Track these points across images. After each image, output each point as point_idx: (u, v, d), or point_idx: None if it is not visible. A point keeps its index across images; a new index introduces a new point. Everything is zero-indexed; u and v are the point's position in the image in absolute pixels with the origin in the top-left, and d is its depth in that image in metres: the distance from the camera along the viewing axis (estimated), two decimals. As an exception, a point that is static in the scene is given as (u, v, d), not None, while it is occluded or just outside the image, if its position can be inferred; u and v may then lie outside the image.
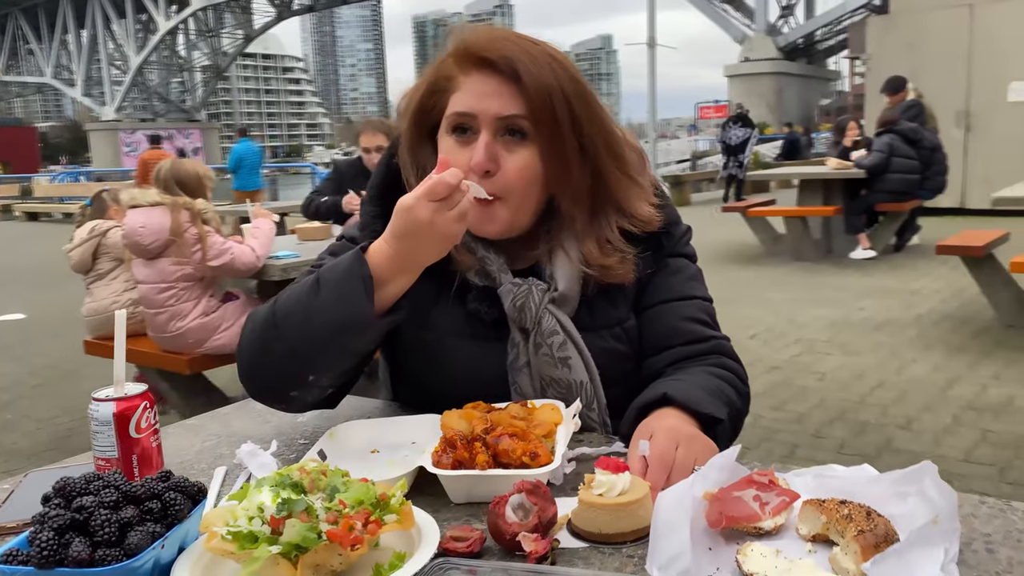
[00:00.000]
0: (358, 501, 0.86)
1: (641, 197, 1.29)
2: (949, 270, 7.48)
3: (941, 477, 0.84)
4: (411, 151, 1.29)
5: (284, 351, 1.16)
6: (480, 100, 1.19)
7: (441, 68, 1.24)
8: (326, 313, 1.12)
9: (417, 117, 1.27)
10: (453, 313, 1.28)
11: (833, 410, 4.21)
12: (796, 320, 6.13)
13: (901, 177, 8.23)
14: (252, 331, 1.21)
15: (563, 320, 1.25)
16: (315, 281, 1.15)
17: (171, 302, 3.75)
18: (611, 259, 1.25)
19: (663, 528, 0.84)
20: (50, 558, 0.77)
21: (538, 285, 1.25)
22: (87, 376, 5.50)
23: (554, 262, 1.27)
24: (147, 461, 1.05)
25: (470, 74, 1.21)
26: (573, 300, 1.27)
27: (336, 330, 1.12)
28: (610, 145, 1.25)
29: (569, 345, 1.24)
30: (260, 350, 1.19)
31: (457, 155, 1.20)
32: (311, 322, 1.13)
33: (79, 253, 4.02)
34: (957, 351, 5.11)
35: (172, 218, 3.69)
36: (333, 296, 1.11)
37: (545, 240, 1.29)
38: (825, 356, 5.19)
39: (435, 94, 1.25)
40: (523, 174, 1.20)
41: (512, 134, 1.20)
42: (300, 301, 1.15)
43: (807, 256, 8.70)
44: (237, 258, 3.73)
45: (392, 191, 1.28)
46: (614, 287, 1.29)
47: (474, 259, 1.27)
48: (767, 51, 51.93)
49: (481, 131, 1.19)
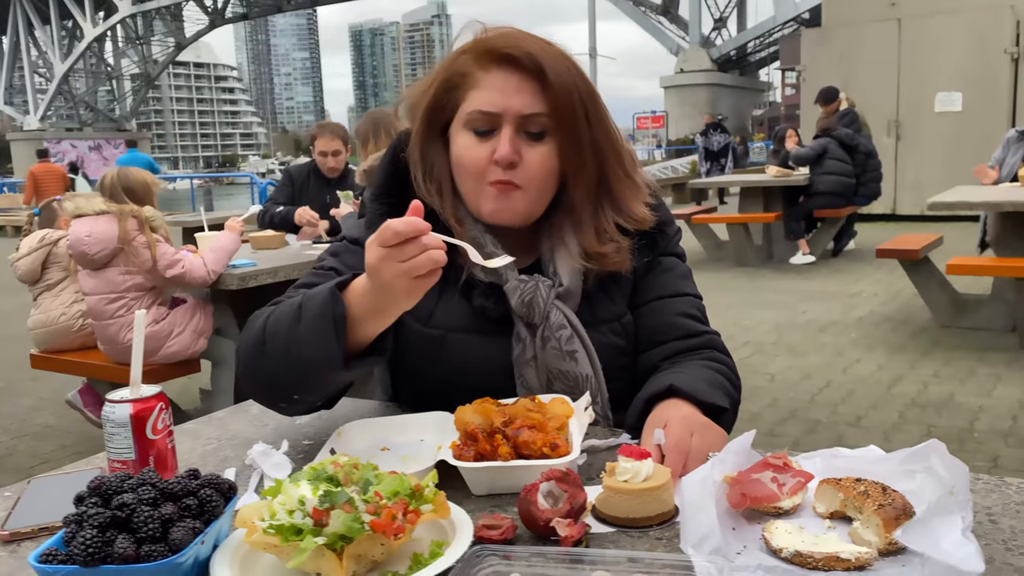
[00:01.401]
0: (394, 492, 0.88)
1: (637, 196, 1.33)
2: (886, 273, 7.77)
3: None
4: (421, 148, 1.31)
5: (269, 371, 1.17)
6: (504, 97, 1.22)
7: (456, 65, 1.26)
8: (302, 348, 1.11)
9: (430, 114, 1.29)
10: (458, 309, 1.30)
11: (785, 409, 4.33)
12: (742, 323, 6.29)
13: (836, 179, 8.51)
14: (246, 342, 1.21)
15: (569, 315, 1.29)
16: (298, 308, 1.13)
17: (121, 312, 3.66)
18: (607, 247, 1.30)
19: (691, 510, 0.88)
20: (95, 555, 0.76)
21: (544, 281, 1.28)
22: (24, 393, 5.33)
23: (556, 257, 1.31)
24: (163, 462, 1.04)
25: (490, 71, 1.23)
26: (576, 295, 1.31)
27: (312, 365, 1.12)
28: (613, 143, 1.29)
29: (575, 339, 1.27)
30: (250, 363, 1.20)
31: (478, 150, 1.24)
32: (290, 353, 1.12)
33: (27, 263, 3.90)
34: (898, 351, 5.31)
35: (119, 226, 3.59)
36: (308, 331, 1.10)
37: (547, 234, 1.32)
38: (774, 357, 5.34)
39: (449, 91, 1.27)
40: (543, 167, 1.25)
41: (532, 130, 1.24)
42: (283, 327, 1.14)
43: (749, 262, 8.93)
44: (188, 272, 3.65)
45: (399, 188, 1.30)
46: (611, 284, 1.33)
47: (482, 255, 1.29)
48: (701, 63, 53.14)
49: (504, 126, 1.22)
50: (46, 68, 68.97)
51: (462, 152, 1.26)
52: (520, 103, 1.22)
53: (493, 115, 1.23)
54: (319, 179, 4.85)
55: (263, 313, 1.24)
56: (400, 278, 1.01)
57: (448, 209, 1.30)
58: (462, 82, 1.25)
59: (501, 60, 1.23)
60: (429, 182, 1.31)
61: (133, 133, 70.67)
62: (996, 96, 11.72)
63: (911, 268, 5.83)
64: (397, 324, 1.28)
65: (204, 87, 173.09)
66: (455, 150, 1.28)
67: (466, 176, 1.28)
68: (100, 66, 72.48)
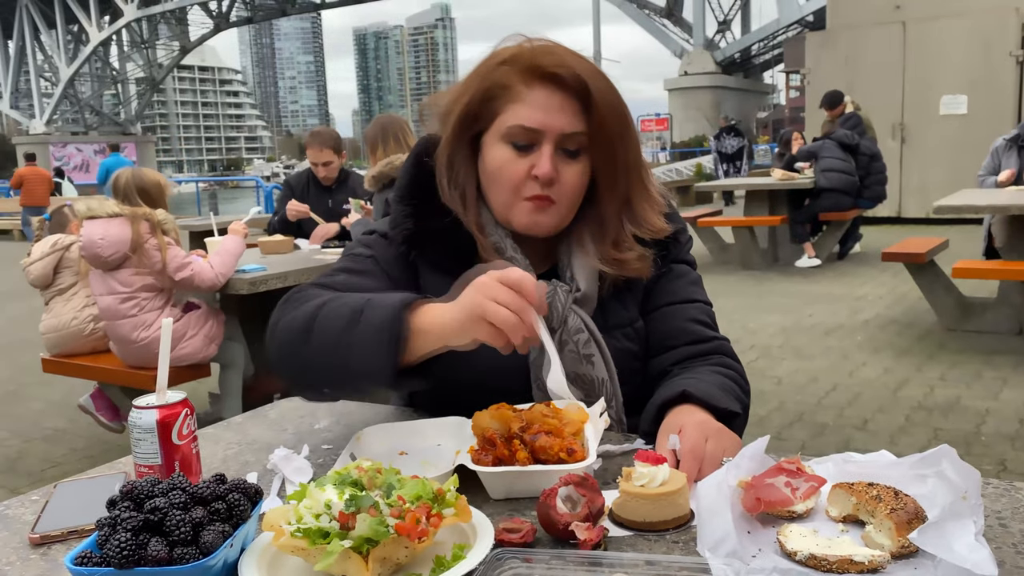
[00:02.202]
0: (417, 496, 0.90)
1: (655, 208, 1.37)
2: (891, 276, 7.78)
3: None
4: (449, 154, 1.33)
5: (308, 362, 1.18)
6: (547, 115, 1.24)
7: (496, 76, 1.27)
8: (352, 354, 1.11)
9: (463, 121, 1.30)
10: None
11: (792, 413, 4.35)
12: (748, 327, 6.30)
13: (839, 175, 8.50)
14: (289, 326, 1.21)
15: (586, 319, 1.31)
16: (359, 311, 1.13)
17: (134, 311, 3.69)
18: (628, 255, 1.33)
19: (707, 514, 0.90)
20: (129, 558, 0.79)
21: (562, 286, 1.31)
22: (34, 397, 5.36)
23: (574, 263, 1.34)
24: (188, 467, 1.06)
25: (533, 87, 1.25)
26: (593, 300, 1.34)
27: (358, 373, 1.14)
28: (639, 159, 1.33)
29: (592, 343, 1.30)
30: (289, 348, 1.21)
31: (516, 164, 1.27)
32: (338, 354, 1.13)
33: (39, 267, 3.93)
34: (904, 354, 5.32)
35: (132, 229, 3.63)
36: (363, 341, 1.10)
37: (567, 241, 1.35)
38: (780, 361, 5.35)
39: (487, 101, 1.28)
40: (578, 184, 1.29)
41: (569, 148, 1.27)
42: (336, 325, 1.14)
43: (755, 265, 8.94)
44: (197, 275, 3.68)
45: (422, 191, 1.32)
46: (625, 290, 1.36)
47: (502, 261, 1.31)
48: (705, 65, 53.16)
49: (544, 144, 1.25)
50: (52, 72, 69.23)
51: (499, 165, 1.28)
52: (562, 122, 1.24)
53: (535, 131, 1.25)
54: (318, 186, 4.90)
55: (309, 297, 1.23)
56: (484, 318, 1.04)
57: (471, 215, 1.33)
58: (502, 94, 1.27)
59: (546, 78, 1.24)
60: (453, 188, 1.33)
61: (138, 137, 70.89)
62: (1001, 99, 11.73)
63: (917, 271, 5.84)
64: None
65: (209, 91, 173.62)
66: (490, 161, 1.30)
67: (501, 188, 1.30)
68: (105, 70, 72.74)
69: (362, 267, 1.36)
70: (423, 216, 1.35)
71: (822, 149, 8.64)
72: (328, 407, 1.50)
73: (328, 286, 1.30)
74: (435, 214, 1.34)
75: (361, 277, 1.34)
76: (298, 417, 1.47)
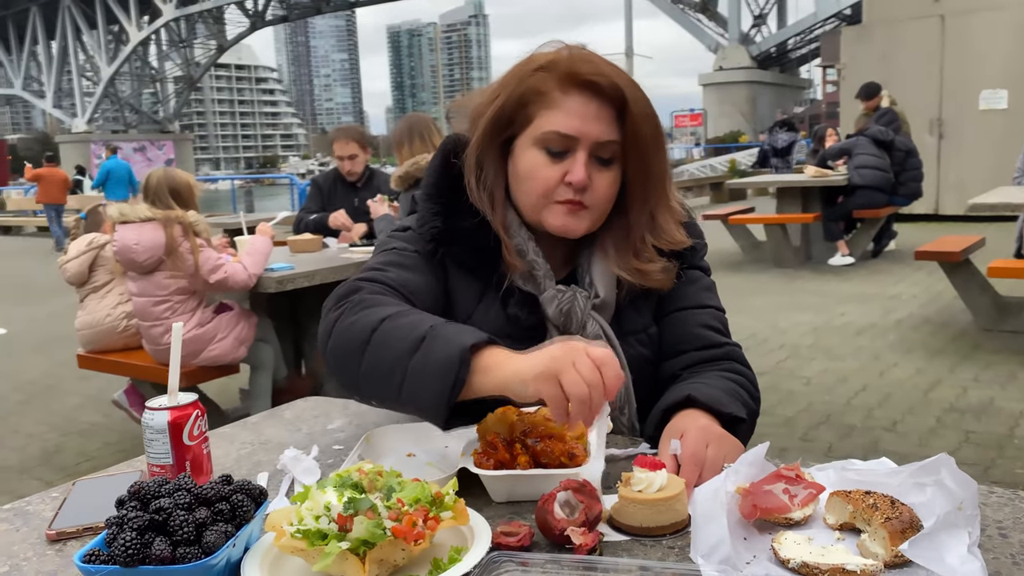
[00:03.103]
0: (415, 499, 0.92)
1: (675, 219, 1.38)
2: (926, 275, 7.65)
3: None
4: (479, 156, 1.34)
5: (359, 375, 1.15)
6: (584, 123, 1.26)
7: (532, 82, 1.28)
8: (407, 383, 1.09)
9: (495, 124, 1.31)
10: (494, 314, 1.34)
11: (819, 414, 4.30)
12: (779, 326, 6.24)
13: (872, 172, 8.37)
14: (349, 330, 1.17)
15: (604, 325, 1.33)
16: (421, 338, 1.09)
17: (166, 315, 3.76)
18: (650, 266, 1.34)
19: (702, 520, 0.90)
20: (134, 556, 0.82)
21: (581, 292, 1.33)
22: (71, 391, 5.49)
23: (593, 269, 1.35)
24: (199, 468, 1.10)
25: (570, 94, 1.26)
26: (611, 307, 1.36)
27: (409, 402, 1.12)
28: (664, 168, 1.34)
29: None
30: (343, 354, 1.18)
31: (550, 170, 1.28)
32: (392, 377, 1.10)
33: (75, 265, 4.02)
34: (937, 354, 5.24)
35: (166, 233, 3.68)
36: (421, 374, 1.08)
37: (588, 247, 1.37)
38: (809, 361, 5.29)
39: (521, 106, 1.29)
40: (609, 191, 1.31)
41: (602, 157, 1.28)
42: (397, 346, 1.11)
43: (787, 263, 8.84)
44: (231, 276, 3.74)
45: (449, 190, 1.34)
46: (640, 296, 1.38)
47: (524, 263, 1.33)
48: (740, 60, 52.59)
49: (578, 151, 1.27)
50: (93, 72, 70.55)
51: (532, 169, 1.29)
52: (598, 130, 1.26)
53: (570, 138, 1.26)
54: (345, 184, 4.93)
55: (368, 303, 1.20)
56: (558, 380, 1.00)
57: (498, 216, 1.34)
58: (537, 99, 1.28)
59: (583, 85, 1.26)
60: (482, 189, 1.34)
61: (176, 135, 72.00)
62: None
63: (951, 270, 5.74)
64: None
65: (245, 89, 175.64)
66: (522, 165, 1.31)
67: (532, 192, 1.31)
68: (144, 69, 73.95)
69: (410, 262, 1.35)
70: (451, 215, 1.36)
71: (856, 146, 8.52)
72: (342, 408, 1.53)
73: (380, 281, 1.28)
74: (462, 213, 1.35)
75: (411, 272, 1.33)
76: (312, 417, 1.50)
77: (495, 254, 1.33)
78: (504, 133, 1.32)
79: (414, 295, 1.28)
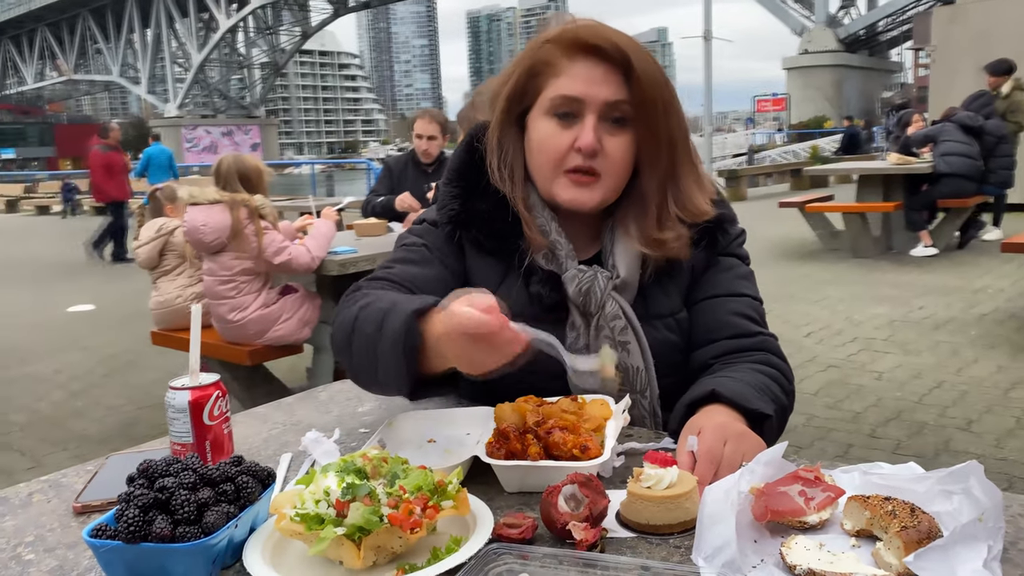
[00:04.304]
0: (417, 487, 0.91)
1: (702, 189, 1.34)
2: (1015, 268, 7.28)
3: (1003, 480, 0.86)
4: (499, 135, 1.34)
5: (354, 363, 1.22)
6: (589, 86, 1.25)
7: (540, 53, 1.29)
8: (379, 361, 1.13)
9: (510, 101, 1.32)
10: (516, 294, 1.33)
11: (889, 410, 4.15)
12: (853, 318, 6.03)
13: (960, 159, 8.00)
14: (341, 325, 1.23)
15: (624, 306, 1.31)
16: (382, 318, 1.12)
17: (232, 294, 3.87)
18: (667, 234, 1.30)
19: (708, 520, 0.87)
20: (136, 533, 0.83)
21: (602, 272, 1.31)
22: (150, 366, 5.71)
23: (616, 249, 1.33)
24: (219, 447, 1.12)
25: (576, 60, 1.26)
26: (633, 287, 1.33)
27: (385, 379, 1.16)
28: (685, 137, 1.31)
29: (629, 330, 1.29)
30: (341, 348, 1.24)
31: (559, 137, 1.27)
32: (370, 358, 1.15)
33: (146, 251, 4.18)
34: (1021, 351, 4.98)
35: (232, 216, 3.79)
36: (384, 351, 1.11)
37: (611, 224, 1.35)
38: (883, 355, 5.10)
39: (532, 78, 1.30)
40: (624, 156, 1.28)
41: (613, 120, 1.26)
42: (368, 329, 1.15)
43: (866, 253, 8.54)
44: (294, 259, 3.83)
45: (471, 173, 1.36)
46: (668, 279, 1.34)
47: (547, 242, 1.32)
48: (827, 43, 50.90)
49: (587, 115, 1.25)
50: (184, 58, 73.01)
51: (543, 138, 1.29)
52: (606, 92, 1.25)
53: (577, 100, 1.25)
54: (416, 168, 4.96)
55: (359, 298, 1.25)
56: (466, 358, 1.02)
57: (519, 194, 1.34)
58: (545, 70, 1.28)
59: (588, 50, 1.26)
60: (503, 168, 1.35)
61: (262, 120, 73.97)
62: None
63: (1041, 264, 5.44)
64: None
65: (328, 75, 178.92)
66: (535, 135, 1.31)
67: (544, 162, 1.31)
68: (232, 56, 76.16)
69: (417, 256, 1.38)
70: (469, 198, 1.37)
71: (942, 132, 8.14)
72: (374, 392, 1.53)
73: (384, 278, 1.33)
74: (482, 196, 1.36)
75: (417, 266, 1.36)
76: (344, 400, 1.51)
77: (515, 234, 1.33)
78: (519, 108, 1.33)
79: (419, 289, 1.30)
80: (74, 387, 5.41)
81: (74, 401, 5.11)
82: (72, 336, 6.96)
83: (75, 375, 5.70)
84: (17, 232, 18.30)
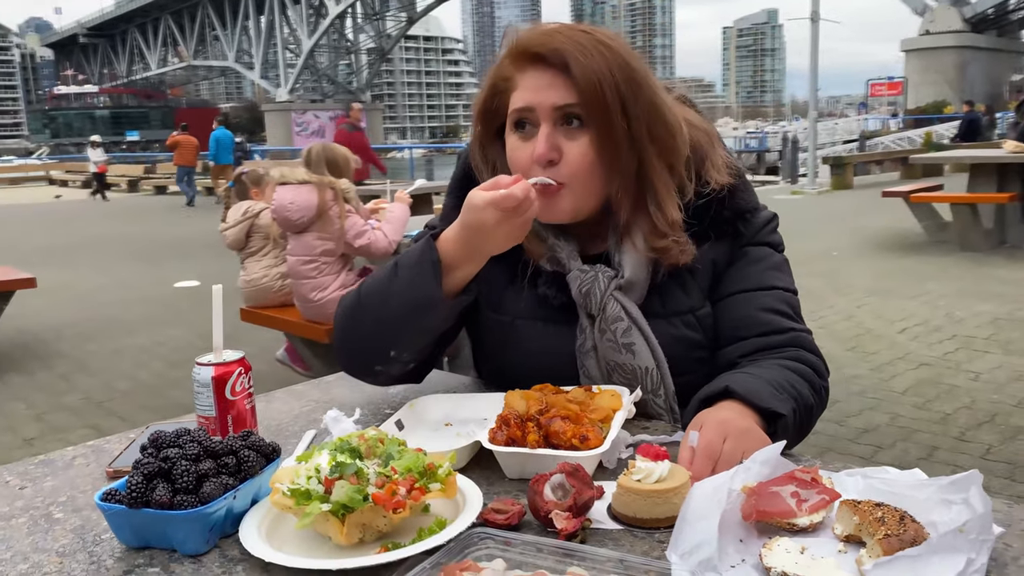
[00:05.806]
0: (407, 469, 0.93)
1: (672, 191, 1.26)
2: None
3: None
4: (481, 150, 1.35)
5: (367, 328, 1.28)
6: (536, 93, 1.23)
7: (500, 70, 1.28)
8: (401, 295, 1.23)
9: (483, 118, 1.33)
10: (525, 296, 1.33)
11: (983, 413, 3.93)
12: (954, 314, 5.74)
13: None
14: (343, 310, 1.33)
15: (628, 307, 1.27)
16: (393, 265, 1.26)
17: (313, 274, 4.02)
18: (663, 242, 1.26)
19: (691, 517, 0.86)
20: (138, 499, 0.89)
21: (605, 272, 1.28)
22: (243, 342, 5.91)
23: (622, 249, 1.29)
24: (241, 421, 1.17)
25: (525, 71, 1.25)
26: (641, 287, 1.28)
27: (410, 309, 1.22)
28: (653, 130, 1.23)
29: (634, 331, 1.26)
30: (348, 327, 1.31)
31: (522, 150, 1.25)
32: (389, 303, 1.24)
33: (234, 233, 4.38)
34: None
35: (319, 196, 3.95)
36: (407, 279, 1.22)
37: (614, 224, 1.31)
38: (983, 354, 4.84)
39: (497, 95, 1.29)
40: (584, 160, 1.22)
41: (569, 122, 1.23)
42: (380, 283, 1.27)
43: (975, 246, 8.08)
44: (373, 243, 3.96)
45: (471, 184, 1.35)
46: (686, 274, 1.30)
47: (544, 247, 1.31)
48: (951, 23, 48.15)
49: (541, 123, 1.23)
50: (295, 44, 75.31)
51: (510, 153, 1.29)
52: (553, 96, 1.21)
53: (529, 109, 1.23)
54: None
55: (352, 290, 1.36)
56: (517, 230, 1.16)
57: None
58: (506, 85, 1.27)
59: (533, 59, 1.24)
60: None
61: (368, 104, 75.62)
62: None
63: None
64: (474, 309, 1.35)
65: (432, 60, 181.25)
66: (507, 151, 1.30)
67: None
68: (340, 41, 78.06)
69: None
70: None
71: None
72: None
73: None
74: None
75: None
76: (379, 381, 1.55)
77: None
78: (494, 125, 1.33)
79: None
80: (174, 358, 5.71)
81: (173, 371, 5.39)
82: (176, 310, 7.34)
83: (176, 347, 6.01)
84: (135, 211, 19.38)
